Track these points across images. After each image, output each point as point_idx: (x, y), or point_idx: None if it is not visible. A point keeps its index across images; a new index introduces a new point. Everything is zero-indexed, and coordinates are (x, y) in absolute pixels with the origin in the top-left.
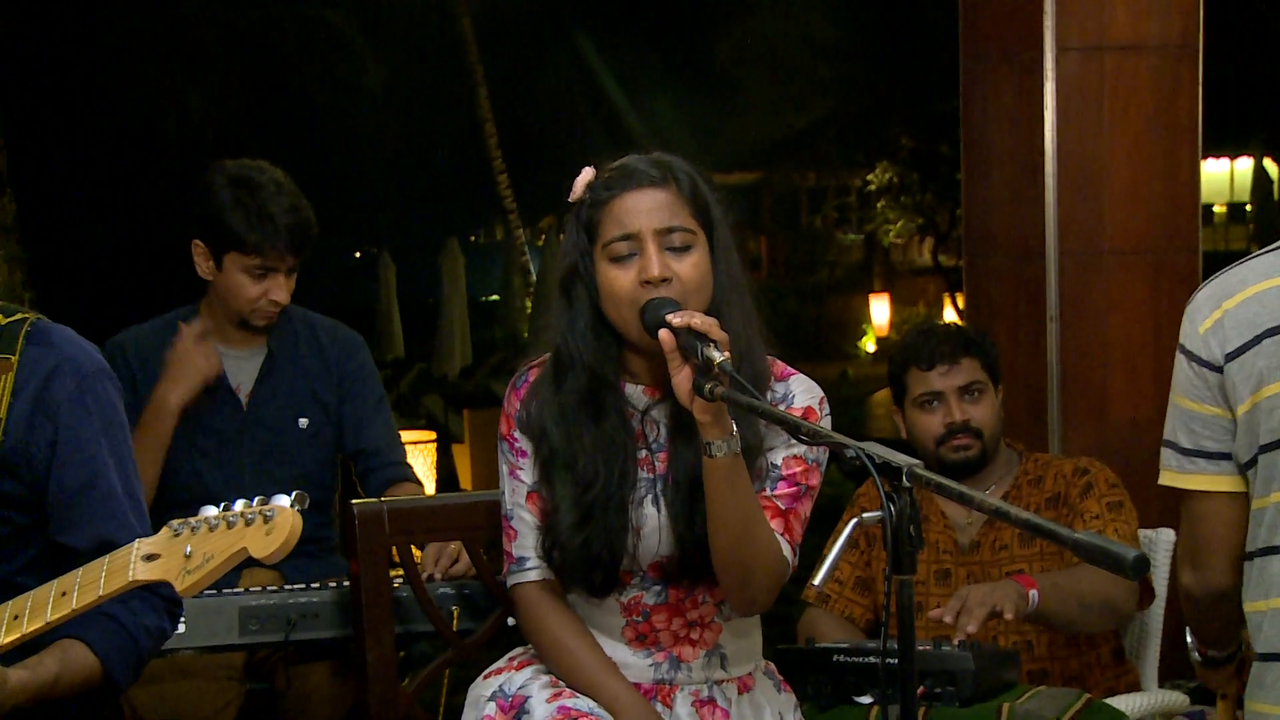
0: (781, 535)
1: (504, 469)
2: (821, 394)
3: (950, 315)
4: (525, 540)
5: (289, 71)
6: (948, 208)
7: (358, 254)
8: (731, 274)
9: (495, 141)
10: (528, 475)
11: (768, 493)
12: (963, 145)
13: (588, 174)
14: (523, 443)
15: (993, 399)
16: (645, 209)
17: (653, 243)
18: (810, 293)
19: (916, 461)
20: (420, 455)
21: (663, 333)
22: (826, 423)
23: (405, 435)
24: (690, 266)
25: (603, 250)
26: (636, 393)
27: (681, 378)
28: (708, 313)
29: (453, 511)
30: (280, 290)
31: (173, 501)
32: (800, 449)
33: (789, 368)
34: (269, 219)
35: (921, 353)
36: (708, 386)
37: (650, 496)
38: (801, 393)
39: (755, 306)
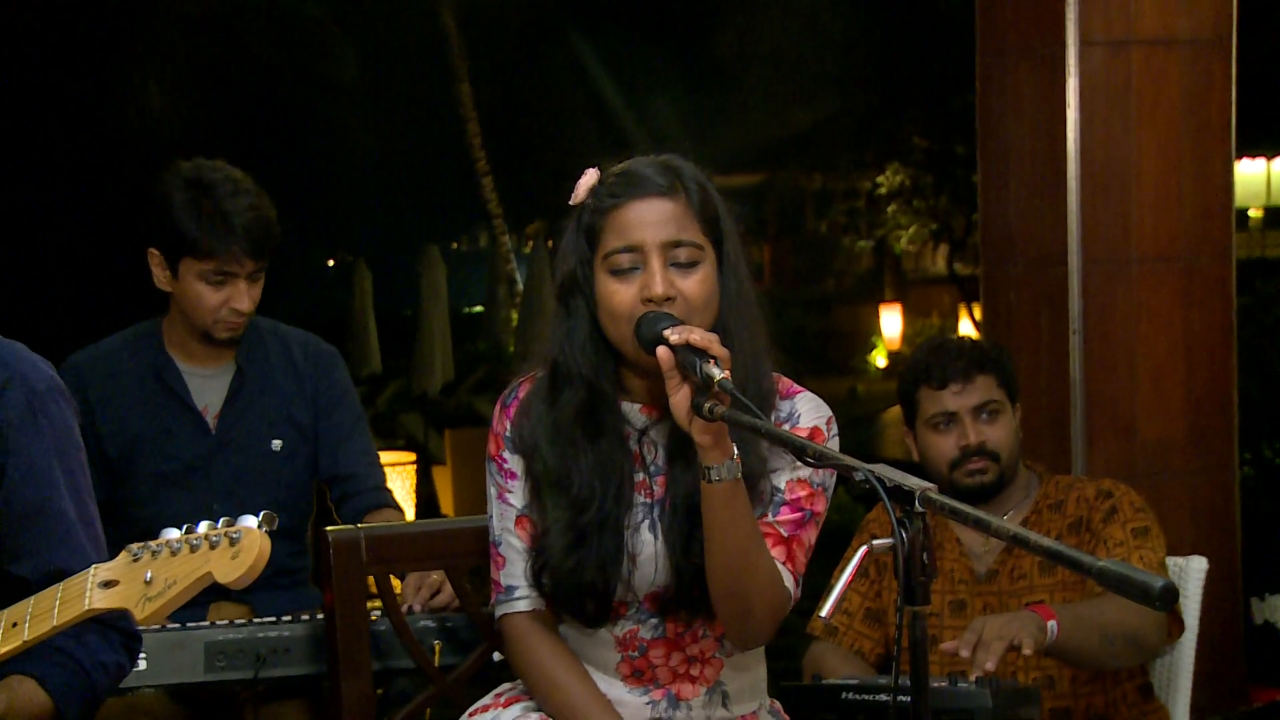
0: (783, 564)
1: (492, 492)
2: (829, 413)
3: (966, 327)
4: (514, 568)
5: (257, 66)
6: (963, 212)
7: (331, 262)
8: (739, 289)
9: (479, 141)
10: (517, 499)
11: (769, 519)
12: (979, 146)
13: (591, 176)
14: (512, 463)
15: (1010, 419)
16: (651, 220)
17: (657, 257)
18: (816, 303)
19: (929, 485)
20: (398, 478)
21: (661, 350)
22: (834, 444)
23: (382, 457)
24: (696, 284)
25: (603, 261)
26: (633, 411)
27: (680, 397)
28: (711, 330)
29: (434, 539)
30: (242, 298)
31: (134, 535)
32: (805, 472)
33: (795, 385)
34: (223, 219)
35: (933, 371)
36: (707, 406)
37: (647, 522)
38: (808, 412)
39: (763, 321)
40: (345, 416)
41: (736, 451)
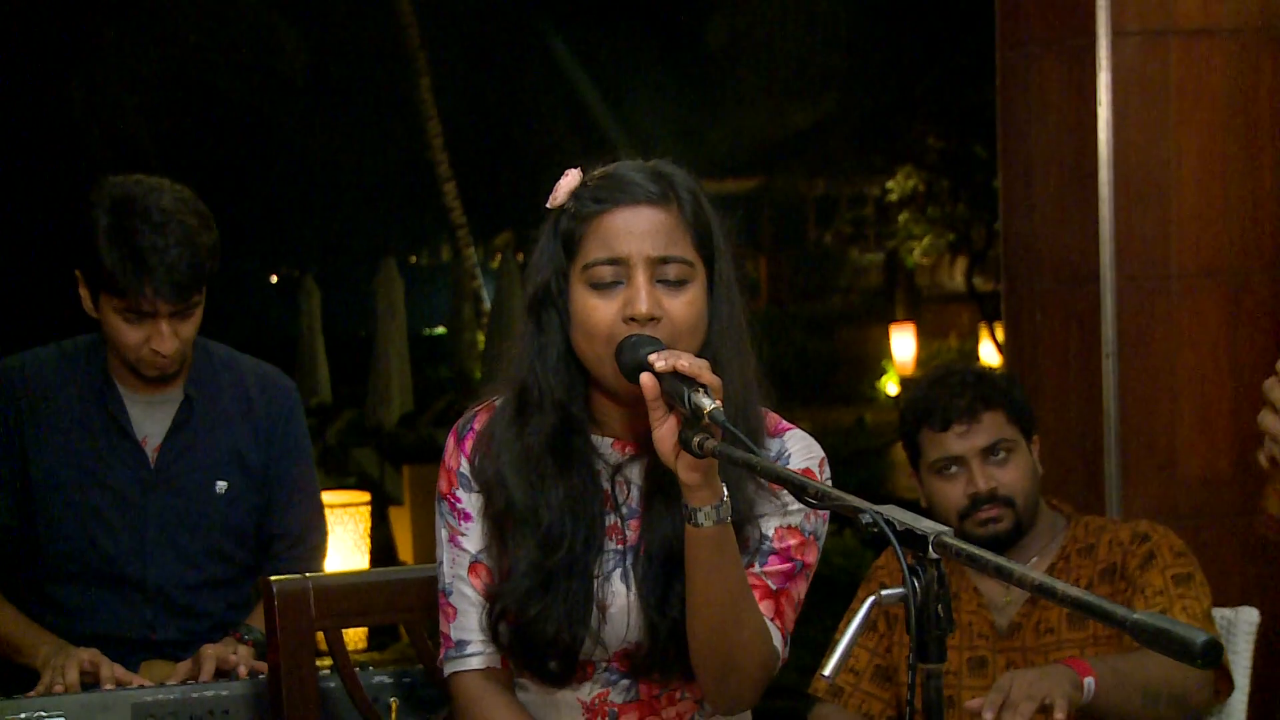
0: (771, 620)
1: (442, 534)
2: (822, 454)
3: (988, 350)
4: (467, 620)
5: (192, 58)
6: (984, 221)
7: (274, 278)
8: (731, 313)
9: (441, 143)
10: (472, 542)
11: (756, 569)
12: (1000, 147)
13: (573, 177)
14: (467, 503)
15: (1025, 457)
16: (639, 231)
17: (643, 273)
18: (819, 324)
19: (944, 528)
20: (351, 521)
21: (645, 378)
22: (840, 491)
23: (332, 497)
24: (684, 305)
25: (582, 272)
26: (605, 446)
27: (665, 430)
28: (698, 357)
29: (391, 589)
30: (164, 340)
31: (62, 575)
32: (796, 518)
33: (784, 421)
34: (139, 257)
35: (933, 410)
36: (696, 440)
37: (619, 571)
38: (799, 451)
39: (753, 351)
40: (299, 468)
41: (726, 492)
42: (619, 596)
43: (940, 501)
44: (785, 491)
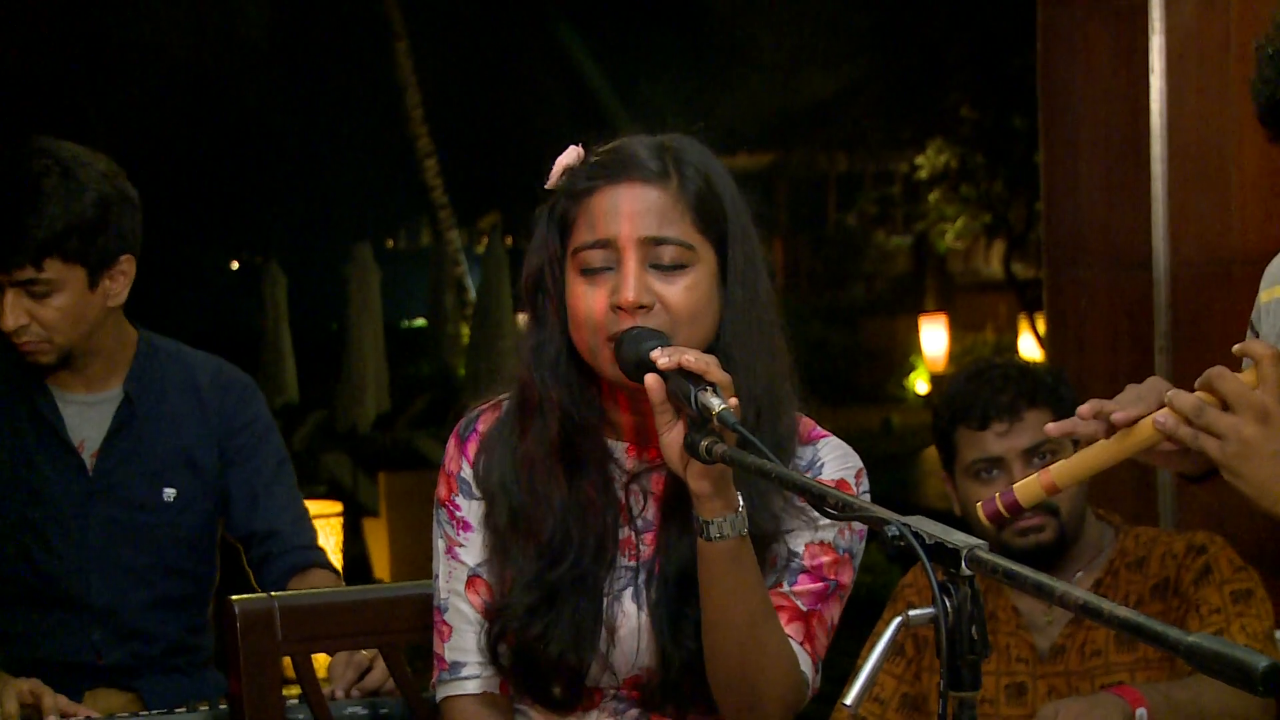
0: (800, 645)
1: (439, 545)
2: (859, 465)
3: (1028, 345)
4: (463, 640)
5: (137, 17)
6: (1023, 201)
7: (235, 264)
8: (752, 304)
9: (421, 114)
10: (471, 554)
11: (784, 588)
12: (1042, 118)
13: (572, 155)
14: (467, 511)
15: None
16: (629, 210)
17: (633, 256)
18: (840, 314)
19: (979, 542)
20: (320, 534)
21: (650, 379)
22: (865, 501)
23: None
24: (681, 291)
25: (572, 257)
26: (619, 451)
27: (673, 436)
28: (707, 352)
29: (366, 609)
30: (3, 314)
31: None
32: (829, 534)
33: (819, 428)
34: None
35: (972, 407)
36: (704, 443)
37: (630, 590)
38: (833, 460)
39: (786, 350)
40: (265, 461)
41: (742, 502)
42: (630, 618)
43: (976, 507)
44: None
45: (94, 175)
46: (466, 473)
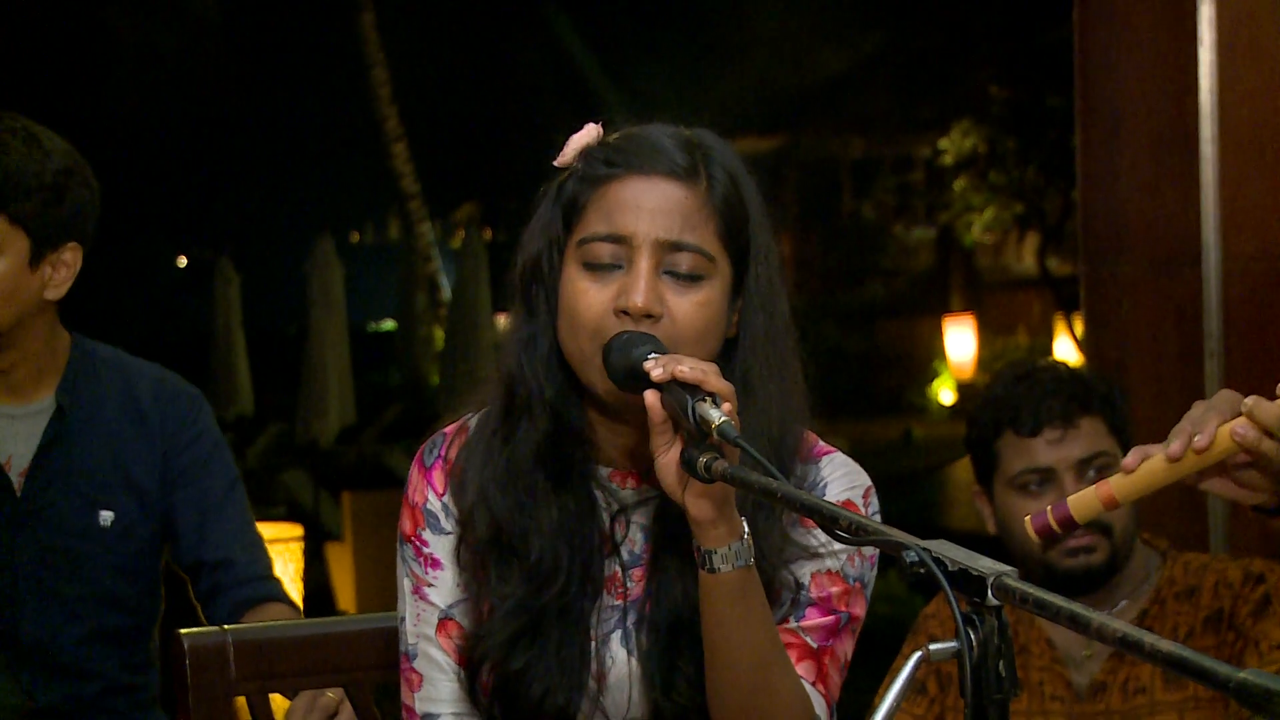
0: (812, 685)
1: (405, 585)
2: (868, 483)
3: (1065, 349)
4: (435, 689)
5: None
6: (1059, 189)
7: (183, 260)
8: (769, 327)
9: (389, 93)
10: (442, 595)
11: (792, 624)
12: (1079, 97)
13: (590, 133)
14: (436, 547)
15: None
16: (651, 207)
17: (648, 258)
18: (856, 315)
19: (1007, 569)
20: (279, 560)
21: (649, 398)
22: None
23: None
24: (693, 306)
25: (578, 247)
26: (602, 476)
27: (670, 458)
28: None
29: (328, 644)
30: None
31: None
32: (837, 562)
33: (822, 444)
34: None
35: (1021, 411)
36: (702, 460)
37: (619, 633)
38: (838, 480)
39: (801, 378)
40: (213, 482)
41: (747, 529)
42: (619, 664)
43: (1021, 524)
44: (820, 530)
45: (60, 149)
46: (434, 504)
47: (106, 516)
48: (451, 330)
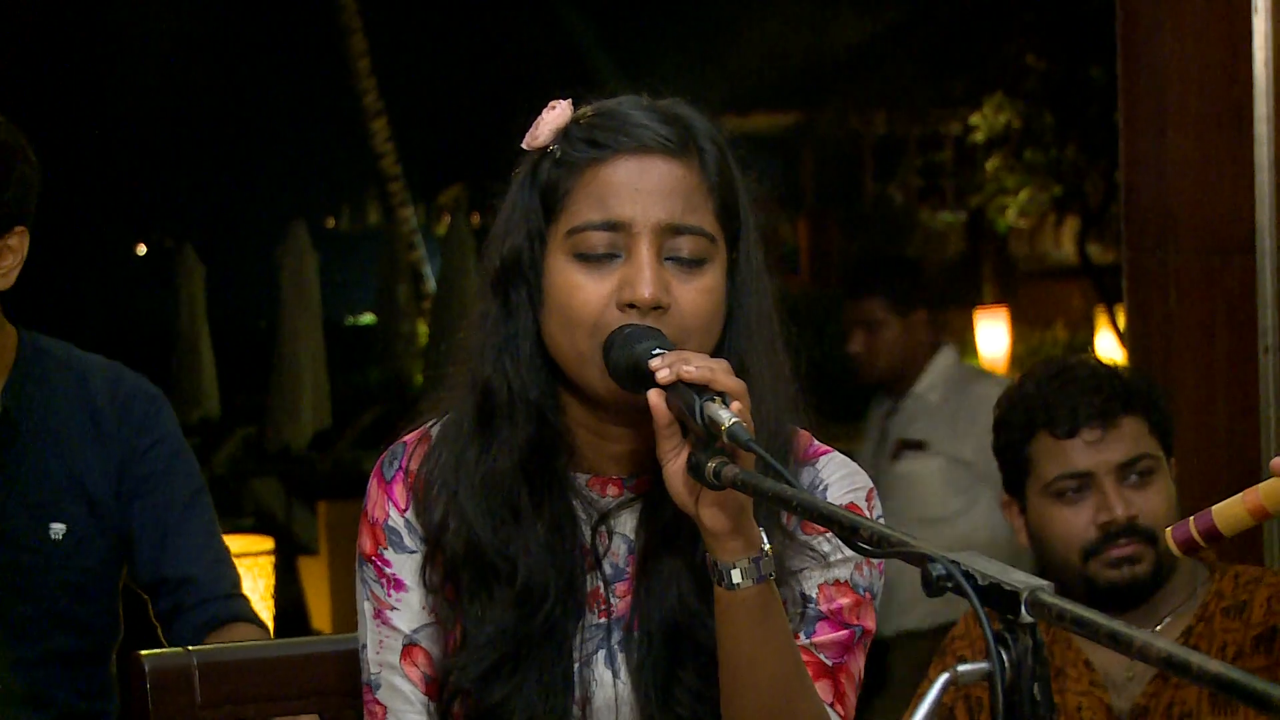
0: (831, 706)
1: (365, 608)
2: (869, 484)
3: (1108, 343)
4: None
5: None
6: (1100, 170)
7: (141, 248)
8: (759, 308)
9: (368, 65)
10: (406, 619)
11: (803, 640)
12: (1121, 70)
13: (562, 111)
14: (399, 567)
15: (1168, 481)
16: (649, 189)
17: (649, 245)
18: None
19: (1042, 583)
20: (248, 575)
21: (653, 396)
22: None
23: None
24: (699, 293)
25: (566, 238)
26: (580, 483)
27: (678, 466)
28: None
29: (303, 666)
30: None
31: None
32: (844, 571)
33: (818, 443)
34: None
35: (1056, 410)
36: (711, 465)
37: (602, 653)
38: (838, 481)
39: (789, 357)
40: (175, 492)
41: (766, 540)
42: (605, 686)
43: (1058, 534)
44: (824, 537)
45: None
46: (395, 520)
47: (57, 529)
48: (436, 325)
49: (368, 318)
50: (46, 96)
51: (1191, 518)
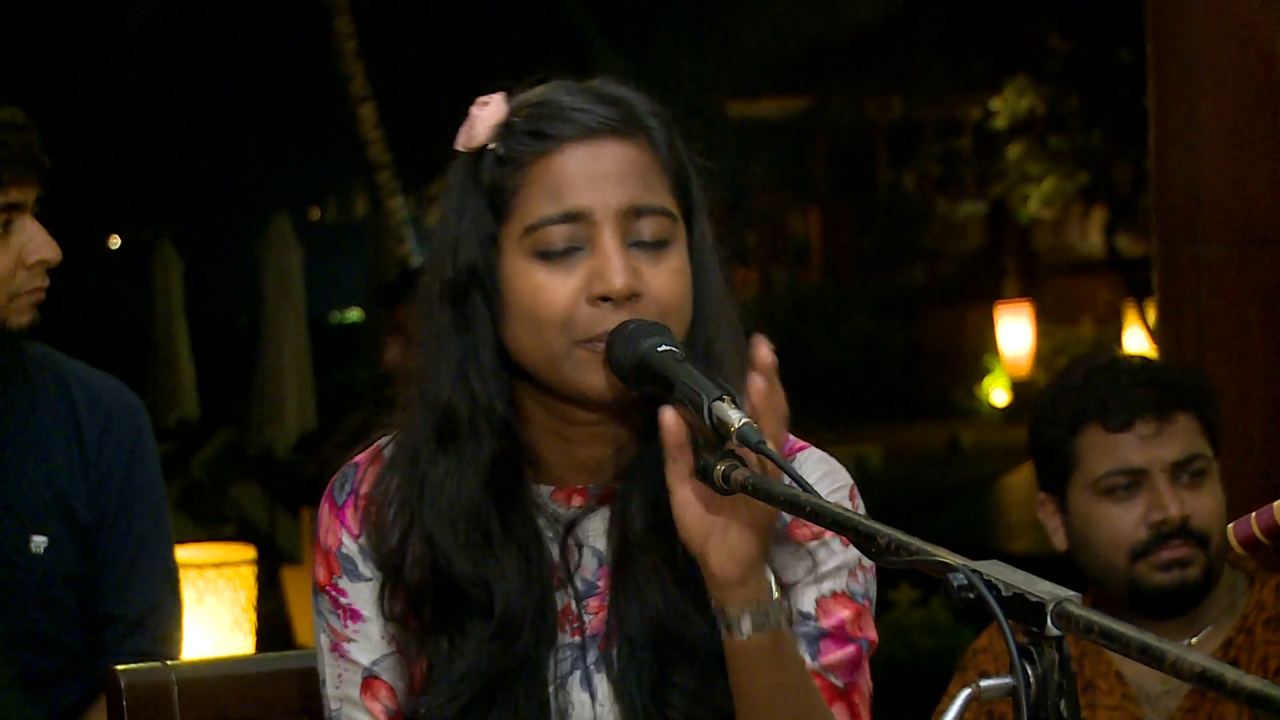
0: None
1: (323, 642)
2: (849, 481)
3: (1137, 339)
4: None
5: None
6: (1130, 157)
7: (116, 240)
8: (718, 285)
9: (354, 47)
10: (364, 650)
11: (810, 663)
12: (1151, 53)
13: (496, 107)
14: (355, 596)
15: (1218, 485)
16: (603, 174)
17: (613, 231)
18: (896, 303)
19: (1070, 594)
20: (228, 587)
21: (666, 413)
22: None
23: (201, 553)
24: (670, 275)
25: (523, 237)
26: (543, 496)
27: (688, 495)
28: (686, 340)
29: (283, 682)
30: (44, 243)
31: None
32: (840, 581)
33: (794, 439)
34: None
35: (1109, 402)
36: (720, 468)
37: (577, 675)
38: (818, 479)
39: (743, 334)
40: (145, 527)
41: (775, 583)
42: (580, 709)
43: (1105, 533)
44: (816, 545)
45: None
46: (349, 547)
47: (39, 542)
48: None
49: (355, 314)
50: (17, 85)
51: (1252, 514)
